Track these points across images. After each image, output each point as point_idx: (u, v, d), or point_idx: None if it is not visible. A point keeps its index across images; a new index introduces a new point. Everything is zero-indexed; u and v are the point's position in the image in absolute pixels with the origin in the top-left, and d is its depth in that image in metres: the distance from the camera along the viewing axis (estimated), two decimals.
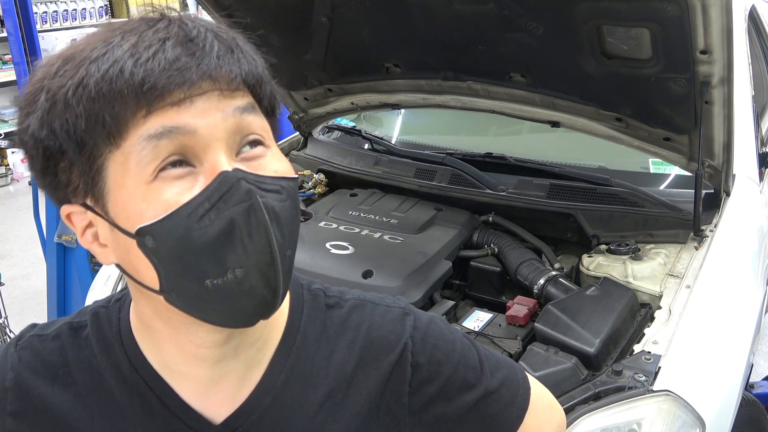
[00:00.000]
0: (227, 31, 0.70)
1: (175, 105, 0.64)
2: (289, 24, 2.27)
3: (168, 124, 0.64)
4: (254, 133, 0.69)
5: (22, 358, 0.79)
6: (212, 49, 0.66)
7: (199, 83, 0.64)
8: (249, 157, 0.68)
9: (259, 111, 0.71)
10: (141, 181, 0.64)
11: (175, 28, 0.66)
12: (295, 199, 0.70)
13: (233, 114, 0.67)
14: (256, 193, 0.65)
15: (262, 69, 0.72)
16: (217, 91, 0.66)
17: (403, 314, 0.84)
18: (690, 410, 1.37)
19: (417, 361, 0.81)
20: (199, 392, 0.77)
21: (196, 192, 0.64)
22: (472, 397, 0.85)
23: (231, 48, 0.68)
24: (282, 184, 0.68)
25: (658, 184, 2.22)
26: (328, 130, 2.87)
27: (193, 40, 0.66)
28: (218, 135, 0.66)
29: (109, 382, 0.78)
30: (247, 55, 0.70)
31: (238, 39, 0.71)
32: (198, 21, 0.69)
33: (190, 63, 0.64)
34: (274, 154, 0.71)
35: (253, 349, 0.77)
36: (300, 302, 0.82)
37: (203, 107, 0.65)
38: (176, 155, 0.65)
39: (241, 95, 0.68)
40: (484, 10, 1.84)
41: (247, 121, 0.68)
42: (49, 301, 3.23)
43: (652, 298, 1.75)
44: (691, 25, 1.57)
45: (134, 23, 0.67)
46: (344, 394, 0.80)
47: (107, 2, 6.56)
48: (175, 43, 0.65)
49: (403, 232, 2.08)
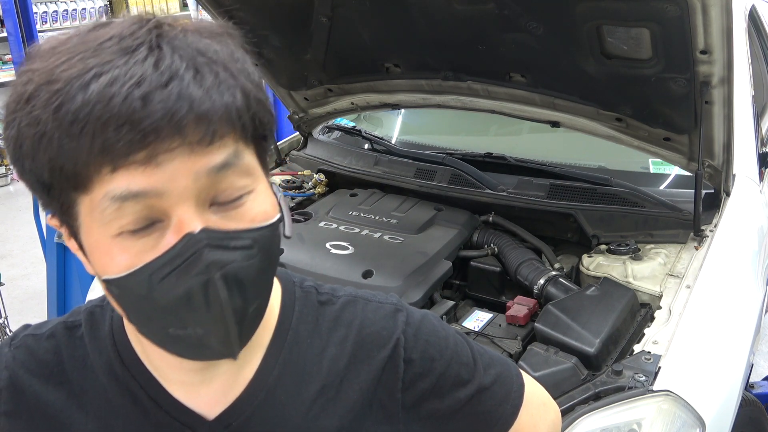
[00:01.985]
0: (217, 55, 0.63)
1: (141, 164, 0.59)
2: (289, 24, 2.27)
3: (133, 188, 0.60)
4: (231, 187, 0.65)
5: (16, 358, 0.80)
6: (187, 98, 0.59)
7: (165, 143, 0.59)
8: (224, 208, 0.65)
9: (244, 153, 0.65)
10: (105, 234, 0.63)
11: (150, 65, 0.59)
12: (268, 249, 0.67)
13: (207, 175, 0.62)
14: (217, 266, 0.62)
15: (256, 94, 0.66)
16: (188, 149, 0.60)
17: (395, 310, 0.84)
18: (690, 410, 1.37)
19: (409, 356, 0.82)
20: (189, 391, 0.77)
21: (161, 251, 0.62)
22: (466, 394, 0.85)
23: (217, 86, 0.61)
24: (255, 237, 0.65)
25: (658, 184, 2.22)
26: (328, 130, 2.88)
27: (167, 84, 0.59)
28: (187, 195, 0.62)
29: (102, 381, 0.78)
30: (238, 90, 0.63)
31: (232, 63, 0.64)
32: (186, 44, 0.62)
33: (158, 120, 0.58)
34: (258, 196, 0.67)
35: (244, 352, 0.76)
36: (292, 299, 0.82)
37: (172, 169, 0.60)
38: (141, 218, 0.62)
39: (218, 147, 0.62)
40: (484, 10, 1.84)
41: (224, 179, 0.64)
42: (49, 301, 3.23)
43: (652, 298, 1.75)
44: (691, 25, 1.57)
45: (113, 47, 0.60)
46: (337, 390, 0.80)
47: (107, 2, 6.56)
48: (145, 92, 0.58)
49: (403, 232, 2.08)
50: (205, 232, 0.62)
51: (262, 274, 0.67)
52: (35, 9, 5.49)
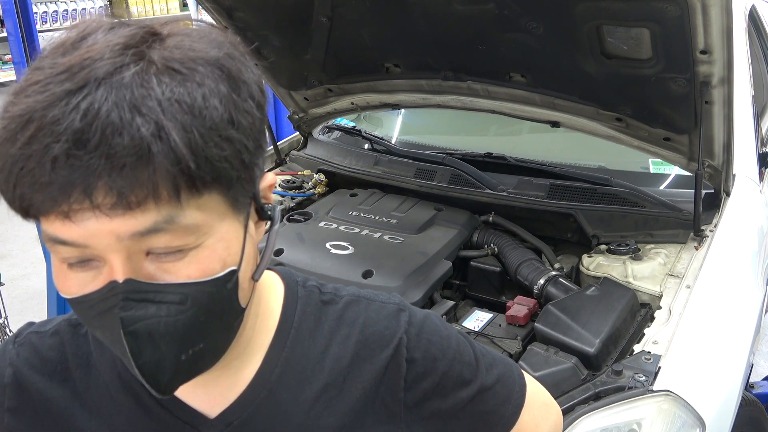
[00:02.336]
0: (163, 93, 0.57)
1: (60, 220, 0.59)
2: (289, 24, 2.27)
3: (59, 236, 0.60)
4: (166, 247, 0.61)
5: (20, 355, 0.80)
6: (97, 167, 0.55)
7: (76, 207, 0.57)
8: (161, 260, 0.62)
9: (183, 212, 0.60)
10: (56, 258, 0.64)
11: (78, 115, 0.55)
12: (207, 303, 0.64)
13: (130, 238, 0.59)
14: (125, 323, 0.61)
15: (207, 145, 0.58)
16: (102, 215, 0.57)
17: (398, 310, 0.84)
18: (690, 410, 1.37)
19: (412, 356, 0.82)
20: (190, 390, 0.77)
21: (94, 289, 0.63)
22: (468, 393, 0.85)
23: (138, 142, 0.56)
24: (188, 292, 0.63)
25: (658, 184, 2.22)
26: (328, 130, 2.88)
27: (85, 143, 0.55)
28: (113, 248, 0.60)
29: (105, 379, 0.79)
30: (161, 141, 0.56)
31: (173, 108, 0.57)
32: (123, 88, 0.57)
33: (65, 187, 0.56)
34: (203, 251, 0.63)
35: (241, 357, 0.77)
36: (294, 299, 0.83)
37: (89, 228, 0.59)
38: (75, 257, 0.62)
39: (141, 213, 0.58)
40: (484, 10, 1.84)
41: (154, 240, 0.60)
42: (49, 301, 3.23)
43: (652, 298, 1.75)
44: (691, 25, 1.57)
45: (62, 85, 0.57)
46: (339, 389, 0.80)
47: (107, 2, 6.57)
48: (57, 154, 0.55)
49: (403, 232, 2.08)
50: (128, 284, 0.61)
51: (198, 327, 0.64)
52: (35, 9, 5.49)
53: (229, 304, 0.68)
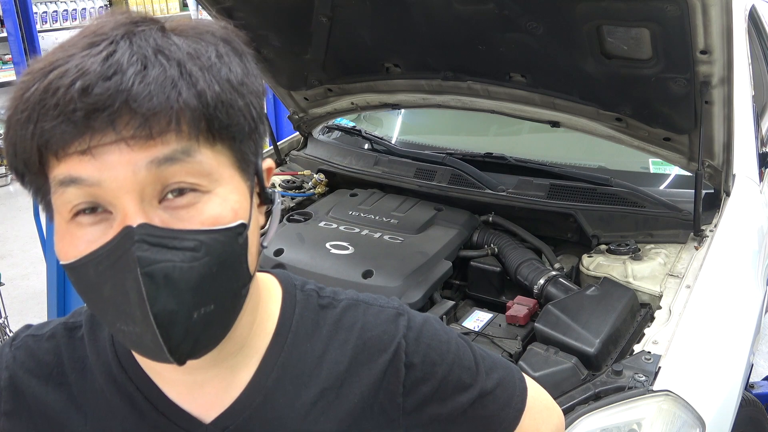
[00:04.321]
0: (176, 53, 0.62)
1: (79, 154, 0.60)
2: (289, 24, 2.27)
3: (73, 173, 0.61)
4: (180, 182, 0.63)
5: (17, 358, 0.80)
6: (124, 93, 0.59)
7: (99, 136, 0.60)
8: (174, 206, 0.64)
9: (198, 151, 0.63)
10: (62, 219, 0.64)
11: (100, 59, 0.60)
12: (220, 253, 0.64)
13: (147, 168, 0.61)
14: (142, 263, 0.60)
15: (218, 94, 0.63)
16: (123, 143, 0.60)
17: (396, 314, 0.84)
18: (690, 410, 1.37)
19: (411, 361, 0.81)
20: (185, 394, 0.77)
21: (105, 241, 0.62)
22: (468, 398, 0.85)
23: (161, 82, 0.60)
24: (202, 239, 0.63)
25: (658, 184, 2.22)
26: (328, 130, 2.88)
27: (110, 77, 0.59)
28: (128, 188, 0.61)
29: (100, 383, 0.78)
30: (187, 86, 0.61)
31: (191, 62, 0.63)
32: (146, 41, 0.62)
33: (90, 113, 0.59)
34: (214, 199, 0.65)
35: (237, 356, 0.77)
36: (292, 303, 0.82)
37: (107, 160, 0.61)
38: (86, 203, 0.63)
39: (160, 143, 0.61)
40: (484, 10, 1.84)
41: (169, 173, 0.62)
42: (49, 301, 3.23)
43: (652, 298, 1.75)
44: (691, 25, 1.57)
45: (85, 40, 0.62)
46: (337, 394, 0.79)
47: (107, 2, 6.57)
48: (83, 85, 0.59)
49: (403, 232, 2.08)
50: (143, 228, 0.61)
51: (210, 279, 0.64)
52: (35, 9, 5.49)
53: (239, 263, 0.68)
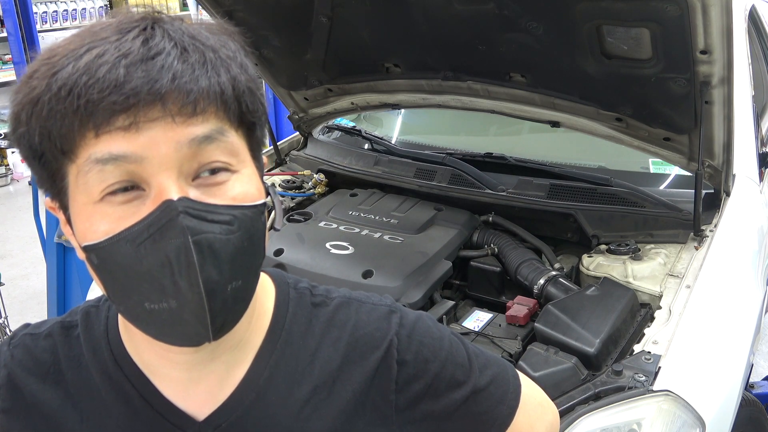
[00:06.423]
0: (208, 40, 0.66)
1: (122, 130, 0.62)
2: (289, 24, 2.27)
3: (114, 151, 0.62)
4: (215, 161, 0.66)
5: (14, 356, 0.80)
6: (170, 70, 0.62)
7: (146, 110, 0.61)
8: (207, 183, 0.66)
9: (229, 132, 0.67)
10: (89, 200, 0.65)
11: (139, 42, 0.62)
12: (249, 228, 0.68)
13: (188, 145, 0.64)
14: (191, 231, 0.62)
15: (245, 82, 0.68)
16: (169, 118, 0.62)
17: (389, 312, 0.84)
18: (690, 410, 1.37)
19: (403, 358, 0.81)
20: (179, 391, 0.77)
21: (140, 217, 0.63)
22: (461, 395, 0.85)
23: (202, 64, 0.64)
24: (235, 214, 0.66)
25: (658, 184, 2.22)
26: (328, 130, 2.88)
27: (153, 57, 0.62)
28: (169, 165, 0.63)
29: (96, 381, 0.79)
30: (224, 71, 0.65)
31: (222, 50, 0.67)
32: (178, 29, 0.65)
33: (139, 86, 0.61)
34: (242, 178, 0.69)
35: (233, 352, 0.77)
36: (285, 300, 0.83)
37: (152, 136, 0.62)
38: (123, 182, 0.64)
39: (201, 121, 0.64)
40: (484, 10, 1.84)
41: (206, 152, 0.65)
42: (49, 301, 3.23)
43: (652, 298, 1.75)
44: (691, 25, 1.57)
45: (110, 29, 0.65)
46: (329, 391, 0.80)
47: (107, 2, 6.56)
48: (130, 62, 0.61)
49: (403, 232, 2.08)
50: (183, 201, 0.63)
51: (242, 253, 0.67)
52: (35, 9, 5.49)
53: (261, 240, 0.71)
